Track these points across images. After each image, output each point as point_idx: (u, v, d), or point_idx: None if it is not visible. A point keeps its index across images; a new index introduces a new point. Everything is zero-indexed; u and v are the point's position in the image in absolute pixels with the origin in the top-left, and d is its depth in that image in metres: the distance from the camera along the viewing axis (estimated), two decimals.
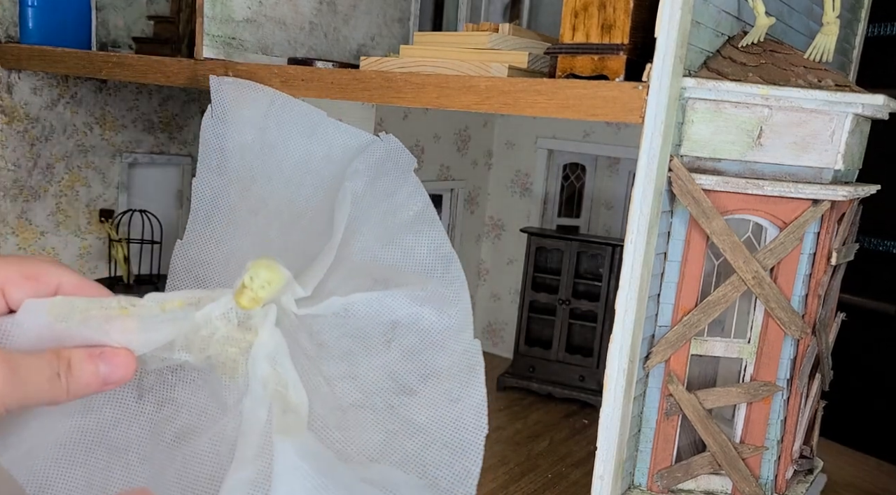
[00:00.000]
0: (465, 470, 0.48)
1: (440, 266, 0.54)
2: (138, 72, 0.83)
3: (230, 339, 0.46)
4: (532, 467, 0.86)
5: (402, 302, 0.51)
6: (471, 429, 0.49)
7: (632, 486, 0.64)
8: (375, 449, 0.48)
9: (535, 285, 1.08)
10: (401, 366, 0.51)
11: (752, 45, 0.62)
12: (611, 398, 0.57)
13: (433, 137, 1.10)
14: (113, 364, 0.43)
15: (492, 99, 0.59)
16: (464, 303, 0.53)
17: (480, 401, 0.51)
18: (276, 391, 0.45)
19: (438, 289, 0.52)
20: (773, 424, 0.64)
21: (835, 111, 0.58)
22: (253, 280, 0.45)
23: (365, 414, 0.49)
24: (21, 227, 1.07)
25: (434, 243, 0.54)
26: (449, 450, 0.48)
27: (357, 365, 0.51)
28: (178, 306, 0.45)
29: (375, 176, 0.57)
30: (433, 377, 0.51)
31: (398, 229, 0.55)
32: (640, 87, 0.52)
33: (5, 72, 1.01)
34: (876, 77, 1.03)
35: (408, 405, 0.50)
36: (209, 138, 0.60)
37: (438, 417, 0.50)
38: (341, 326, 0.51)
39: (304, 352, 0.49)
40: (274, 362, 0.46)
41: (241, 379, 0.46)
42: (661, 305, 0.62)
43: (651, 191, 0.55)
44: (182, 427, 0.47)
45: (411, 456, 0.48)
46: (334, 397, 0.49)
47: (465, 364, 0.51)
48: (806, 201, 0.59)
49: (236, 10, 0.81)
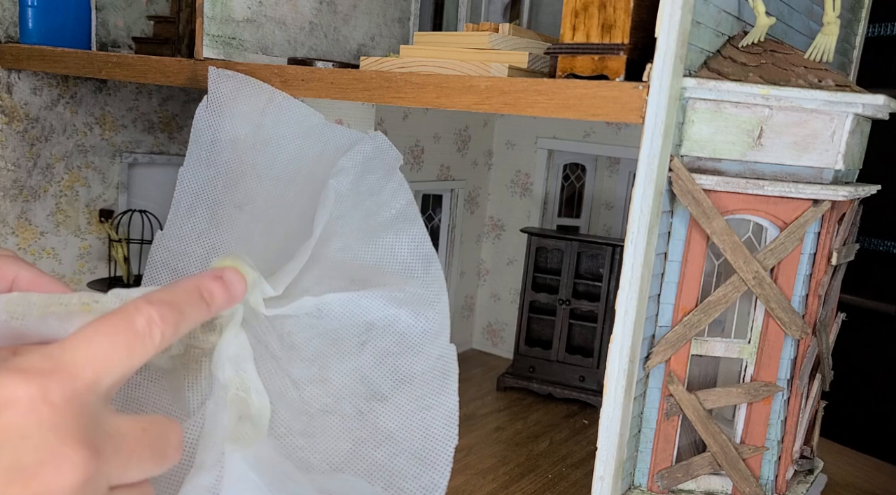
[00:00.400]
0: (432, 483, 0.47)
1: (420, 266, 0.53)
2: (138, 72, 0.83)
3: (194, 340, 0.44)
4: (532, 467, 0.86)
5: (379, 303, 0.50)
6: (440, 439, 0.48)
7: (632, 487, 0.64)
8: (341, 458, 0.47)
9: (535, 285, 1.08)
10: (373, 371, 0.50)
11: (753, 45, 0.62)
12: (611, 398, 0.57)
13: (433, 137, 1.10)
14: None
15: (492, 99, 0.59)
16: (442, 306, 0.52)
17: (452, 410, 0.49)
18: (237, 395, 0.44)
19: (417, 290, 0.52)
20: (774, 424, 0.64)
21: (835, 111, 0.58)
22: None
23: (333, 420, 0.48)
24: (21, 227, 1.06)
25: (414, 242, 0.54)
26: (417, 461, 0.47)
27: (328, 368, 0.50)
28: None
29: (361, 174, 0.57)
30: (406, 382, 0.50)
31: (380, 227, 0.54)
32: (641, 87, 0.52)
33: (5, 72, 1.01)
34: (876, 77, 1.03)
35: (378, 411, 0.49)
36: (201, 129, 0.59)
37: (408, 425, 0.49)
38: (313, 327, 0.50)
39: (272, 354, 0.48)
40: (237, 365, 0.44)
41: (204, 381, 0.44)
42: (661, 305, 0.61)
43: (651, 191, 0.55)
44: None
45: (378, 467, 0.47)
46: (302, 401, 0.48)
47: (440, 370, 0.50)
48: (806, 201, 0.59)
49: (236, 10, 0.80)
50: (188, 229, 0.57)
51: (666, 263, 0.61)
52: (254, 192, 0.58)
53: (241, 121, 0.60)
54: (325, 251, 0.53)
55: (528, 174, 1.19)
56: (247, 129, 0.60)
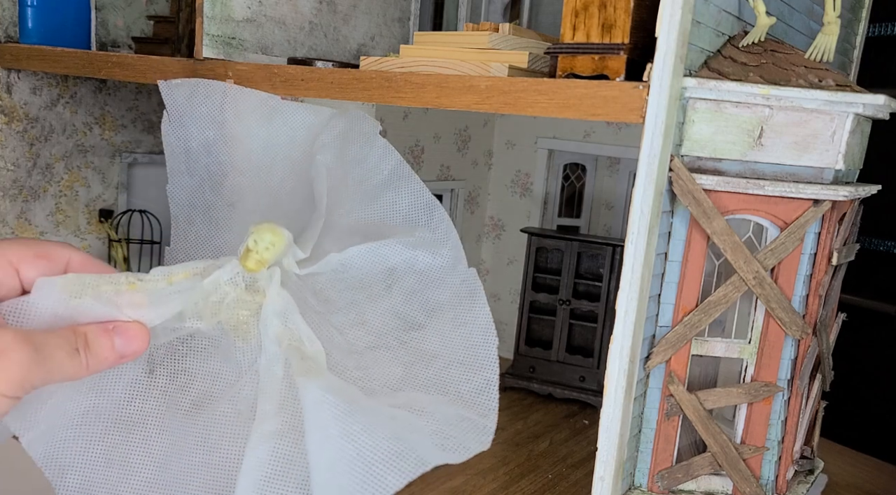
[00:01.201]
0: (485, 381, 0.50)
1: (423, 215, 0.56)
2: (138, 72, 0.83)
3: (240, 302, 0.48)
4: (532, 468, 0.86)
5: (396, 248, 0.54)
6: (482, 346, 0.52)
7: (632, 487, 0.64)
8: (397, 381, 0.50)
9: (535, 285, 1.08)
10: (405, 306, 0.54)
11: (753, 45, 0.62)
12: (611, 398, 0.57)
13: (433, 137, 1.10)
14: (127, 336, 0.44)
15: (492, 99, 0.59)
16: (453, 242, 0.55)
17: (486, 320, 0.53)
18: (291, 345, 0.47)
19: (425, 234, 0.55)
20: (774, 425, 0.64)
21: (836, 111, 0.57)
22: (257, 243, 0.48)
23: (381, 353, 0.52)
24: (20, 228, 1.06)
25: (414, 195, 0.56)
26: (465, 368, 0.51)
27: (364, 312, 0.53)
28: (183, 278, 0.47)
29: (343, 145, 0.59)
30: (437, 310, 0.54)
31: (376, 189, 0.57)
32: (641, 87, 0.52)
33: (5, 72, 1.01)
34: (877, 77, 1.03)
35: (419, 338, 0.53)
36: (172, 142, 0.61)
37: (450, 342, 0.52)
38: (342, 280, 0.54)
39: (312, 308, 0.51)
40: (285, 319, 0.48)
41: (253, 340, 0.48)
42: (661, 305, 0.61)
43: (652, 191, 0.55)
44: (198, 394, 0.48)
45: (432, 380, 0.50)
46: (348, 343, 0.51)
47: (466, 291, 0.54)
48: (807, 201, 0.59)
49: (236, 10, 0.80)
50: (192, 239, 0.59)
51: (666, 263, 0.61)
52: (240, 188, 0.60)
53: (205, 123, 0.61)
54: (334, 218, 0.56)
55: (529, 174, 1.18)
56: (213, 130, 0.61)
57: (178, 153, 0.61)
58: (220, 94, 0.62)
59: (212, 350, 0.49)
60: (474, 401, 0.49)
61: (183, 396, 0.48)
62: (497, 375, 0.50)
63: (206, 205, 0.60)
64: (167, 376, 0.48)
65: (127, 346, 0.44)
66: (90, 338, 0.43)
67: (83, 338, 0.43)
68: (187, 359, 0.49)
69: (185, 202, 0.60)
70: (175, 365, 0.49)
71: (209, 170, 0.61)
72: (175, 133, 0.61)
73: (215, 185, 0.60)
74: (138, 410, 0.47)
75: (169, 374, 0.48)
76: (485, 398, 0.49)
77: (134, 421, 0.47)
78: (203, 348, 0.49)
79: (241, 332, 0.48)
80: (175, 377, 0.48)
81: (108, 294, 0.44)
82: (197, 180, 0.61)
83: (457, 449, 0.45)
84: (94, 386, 0.47)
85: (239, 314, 0.48)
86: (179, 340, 0.48)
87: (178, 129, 0.61)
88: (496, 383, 0.50)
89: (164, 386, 0.48)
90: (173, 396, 0.48)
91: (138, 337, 0.45)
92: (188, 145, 0.61)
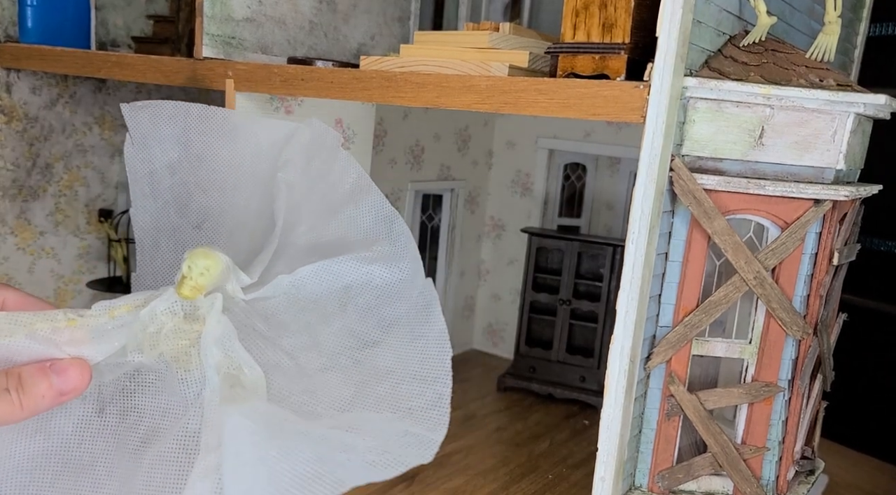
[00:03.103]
0: (436, 395, 0.49)
1: (383, 228, 0.55)
2: (137, 71, 0.83)
3: (179, 332, 0.46)
4: (533, 468, 0.86)
5: (350, 265, 0.52)
6: (436, 357, 0.50)
7: (633, 487, 0.64)
8: (346, 402, 0.49)
9: (535, 285, 1.08)
10: (360, 324, 0.52)
11: (754, 45, 0.62)
12: (612, 399, 0.57)
13: (433, 137, 1.09)
14: (65, 374, 0.43)
15: (492, 98, 0.58)
16: (411, 255, 0.54)
17: (441, 331, 0.51)
18: (227, 373, 0.45)
19: (385, 248, 0.54)
20: (775, 425, 0.64)
21: (837, 111, 0.57)
22: (191, 269, 0.46)
23: (332, 375, 0.50)
24: (20, 227, 1.06)
25: (374, 208, 0.55)
26: (419, 381, 0.49)
27: (317, 333, 0.52)
28: (125, 311, 0.46)
29: (307, 160, 0.58)
30: (393, 325, 0.52)
31: (338, 203, 0.56)
32: (642, 87, 0.52)
33: (4, 71, 1.01)
34: (878, 77, 1.03)
35: (373, 355, 0.51)
36: (135, 165, 0.60)
37: (404, 356, 0.51)
38: (294, 303, 0.52)
39: (261, 334, 0.50)
40: (224, 347, 0.46)
41: (195, 370, 0.46)
42: (662, 306, 0.61)
43: (652, 190, 0.54)
44: (146, 431, 0.46)
45: (383, 398, 0.49)
46: (299, 367, 0.50)
47: (422, 303, 0.53)
48: (808, 201, 0.59)
49: (236, 10, 0.80)
50: (159, 263, 0.58)
51: (667, 263, 0.61)
52: (206, 208, 0.59)
53: (169, 144, 0.60)
54: (292, 238, 0.55)
55: (529, 174, 1.18)
56: (178, 151, 0.60)
57: (141, 176, 0.59)
58: (184, 115, 0.60)
59: (159, 384, 0.47)
60: (424, 416, 0.48)
61: (132, 435, 0.46)
62: (449, 388, 0.49)
63: (172, 227, 0.59)
64: (117, 415, 0.46)
65: (66, 384, 0.43)
66: (24, 378, 0.42)
67: (16, 379, 0.41)
68: (136, 395, 0.47)
69: (150, 226, 0.59)
70: (125, 402, 0.47)
71: (174, 192, 0.59)
72: (138, 155, 0.59)
73: (180, 207, 0.59)
74: (88, 452, 0.46)
75: (119, 413, 0.47)
76: (435, 412, 0.48)
77: (84, 464, 0.45)
78: (151, 383, 0.47)
79: (182, 363, 0.46)
80: (125, 415, 0.47)
81: (44, 332, 0.43)
82: (161, 203, 0.59)
83: (391, 465, 0.44)
84: (42, 427, 0.45)
85: (178, 344, 0.46)
86: (127, 376, 0.47)
87: (141, 151, 0.59)
88: (448, 396, 0.49)
89: (114, 425, 0.46)
90: (123, 436, 0.46)
91: (78, 374, 0.43)
92: (152, 167, 0.59)
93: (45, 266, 1.10)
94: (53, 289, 1.12)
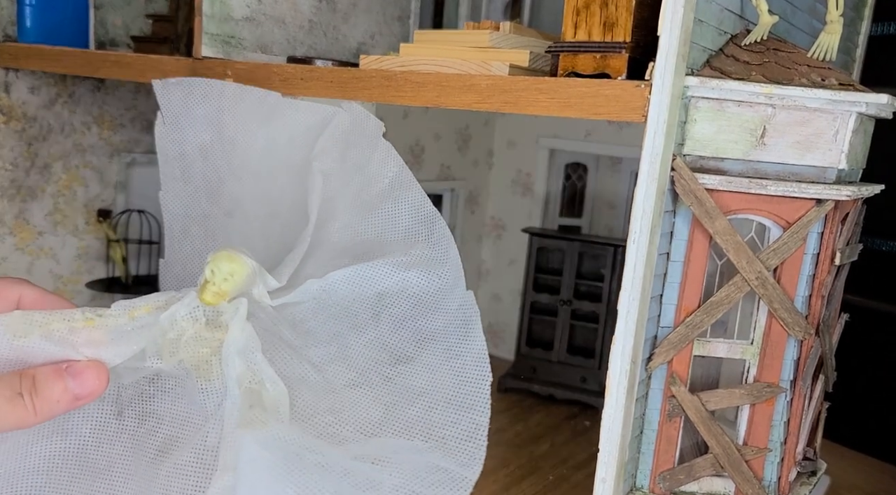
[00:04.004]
0: (473, 425, 0.46)
1: (424, 228, 0.52)
2: (136, 71, 0.82)
3: (200, 339, 0.44)
4: (533, 469, 0.86)
5: (385, 270, 0.49)
6: (474, 381, 0.48)
7: (634, 488, 0.63)
8: (374, 425, 0.46)
9: (536, 286, 1.08)
10: (393, 336, 0.49)
11: (756, 44, 0.62)
12: (613, 400, 0.57)
13: (434, 137, 1.09)
14: (82, 378, 0.41)
15: (493, 98, 0.58)
16: (452, 261, 0.50)
17: (481, 351, 0.49)
18: (250, 388, 0.43)
19: (423, 251, 0.50)
20: (777, 426, 0.63)
21: (839, 110, 0.57)
22: (214, 273, 0.44)
23: (360, 392, 0.47)
24: (18, 227, 1.06)
25: (414, 206, 0.52)
26: (454, 407, 0.46)
27: (347, 344, 0.49)
28: (145, 312, 0.44)
29: (344, 149, 0.55)
30: (429, 340, 0.49)
31: (376, 199, 0.52)
32: (643, 86, 0.52)
33: (3, 71, 1.00)
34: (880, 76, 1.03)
35: (406, 373, 0.48)
36: (166, 146, 0.56)
37: (439, 377, 0.48)
38: (324, 309, 0.49)
39: (288, 343, 0.47)
40: (247, 358, 0.44)
41: (216, 381, 0.44)
42: (663, 306, 0.61)
43: (654, 190, 0.54)
44: (165, 439, 0.44)
45: (414, 422, 0.46)
46: (325, 381, 0.47)
47: (461, 318, 0.49)
48: (809, 201, 0.59)
49: (235, 9, 0.80)
50: (188, 250, 0.55)
51: (668, 263, 0.60)
52: (238, 196, 0.56)
53: (202, 126, 0.57)
54: (324, 235, 0.52)
55: (530, 173, 1.18)
56: (210, 133, 0.57)
57: (172, 158, 0.56)
58: (218, 95, 0.57)
59: (179, 391, 0.45)
60: (458, 449, 0.45)
61: (150, 441, 0.44)
62: (487, 418, 0.46)
63: (203, 214, 0.56)
64: (136, 418, 0.45)
65: (82, 388, 0.41)
66: (39, 381, 0.40)
67: (30, 381, 0.40)
68: (155, 400, 0.45)
69: (180, 211, 0.56)
70: (143, 407, 0.45)
71: (205, 177, 0.56)
72: (170, 136, 0.56)
73: (212, 193, 0.56)
74: (105, 455, 0.44)
75: (138, 417, 0.45)
76: (471, 445, 0.45)
77: (100, 467, 0.44)
78: (170, 389, 0.45)
79: (202, 372, 0.44)
80: (144, 420, 0.45)
81: (60, 332, 0.41)
82: (192, 187, 0.56)
83: None
84: (59, 428, 0.43)
85: (199, 352, 0.44)
86: (147, 380, 0.45)
87: (173, 132, 0.57)
88: (486, 427, 0.45)
89: (132, 429, 0.45)
90: (141, 441, 0.44)
91: (95, 377, 0.41)
92: (183, 149, 0.56)
93: (43, 266, 1.10)
94: (52, 290, 1.11)
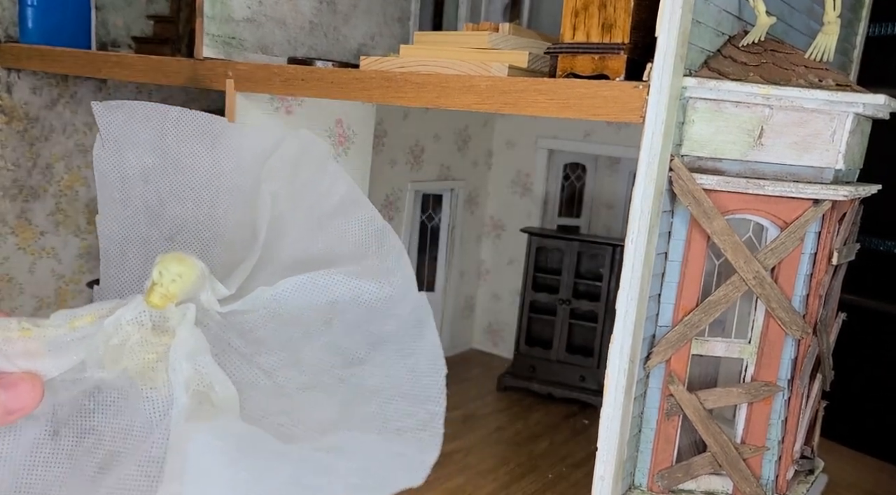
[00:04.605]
0: (429, 414, 0.45)
1: (374, 242, 0.51)
2: (138, 71, 0.83)
3: (146, 344, 0.42)
4: (532, 468, 0.86)
5: (337, 278, 0.48)
6: (429, 375, 0.47)
7: (632, 487, 0.64)
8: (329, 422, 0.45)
9: (535, 285, 1.08)
10: (346, 340, 0.49)
11: (753, 45, 0.62)
12: (611, 398, 0.57)
13: (433, 137, 1.10)
14: (15, 390, 0.39)
15: (492, 99, 0.59)
16: (404, 271, 0.50)
17: (434, 346, 0.48)
18: (197, 391, 0.42)
19: (374, 263, 0.50)
20: (774, 424, 0.64)
21: (836, 111, 0.57)
22: (162, 274, 0.42)
23: (314, 395, 0.47)
24: (20, 227, 1.06)
25: (364, 221, 0.52)
26: (409, 401, 0.46)
27: (299, 350, 0.48)
28: (88, 322, 0.42)
29: (293, 172, 0.54)
30: (381, 342, 0.49)
31: (326, 216, 0.52)
32: (641, 87, 0.52)
33: (5, 71, 1.01)
34: (877, 76, 1.03)
35: (360, 374, 0.48)
36: (106, 169, 0.55)
37: (393, 374, 0.47)
38: (276, 317, 0.48)
39: (237, 350, 0.46)
40: (195, 362, 0.42)
41: (162, 388, 0.42)
42: (661, 305, 0.61)
43: (652, 190, 0.54)
44: (105, 455, 0.42)
45: (370, 418, 0.45)
46: (277, 386, 0.46)
47: (414, 320, 0.49)
48: (807, 201, 0.59)
49: (236, 10, 0.80)
50: (125, 276, 0.53)
51: (666, 263, 0.61)
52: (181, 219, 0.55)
53: (144, 149, 0.55)
54: (274, 252, 0.52)
55: (529, 174, 1.18)
56: (153, 157, 0.56)
57: (111, 181, 0.55)
58: (161, 118, 0.56)
59: (122, 403, 0.43)
60: (415, 437, 0.44)
61: (90, 460, 0.42)
62: (443, 407, 0.45)
63: (142, 238, 0.54)
64: (73, 437, 0.42)
65: (14, 401, 0.39)
66: None
67: None
68: (96, 415, 0.42)
69: (118, 234, 0.54)
70: (82, 423, 0.42)
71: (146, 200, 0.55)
72: (110, 159, 0.55)
73: (152, 217, 0.55)
74: (41, 479, 0.41)
75: (75, 435, 0.42)
76: (426, 433, 0.44)
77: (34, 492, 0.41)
78: (112, 402, 0.43)
79: (148, 379, 0.42)
80: (82, 438, 0.42)
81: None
82: (132, 211, 0.55)
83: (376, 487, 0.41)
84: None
85: (145, 358, 0.42)
86: (86, 394, 0.43)
87: (113, 155, 0.55)
88: (441, 416, 0.45)
89: (69, 449, 0.42)
90: (79, 460, 0.42)
91: (28, 390, 0.39)
92: (124, 173, 0.55)
93: (45, 266, 1.10)
94: (54, 289, 1.12)
